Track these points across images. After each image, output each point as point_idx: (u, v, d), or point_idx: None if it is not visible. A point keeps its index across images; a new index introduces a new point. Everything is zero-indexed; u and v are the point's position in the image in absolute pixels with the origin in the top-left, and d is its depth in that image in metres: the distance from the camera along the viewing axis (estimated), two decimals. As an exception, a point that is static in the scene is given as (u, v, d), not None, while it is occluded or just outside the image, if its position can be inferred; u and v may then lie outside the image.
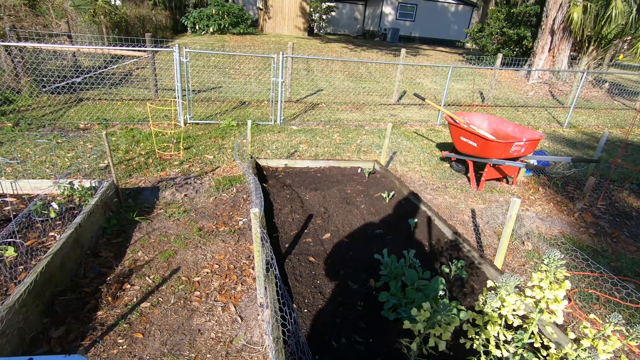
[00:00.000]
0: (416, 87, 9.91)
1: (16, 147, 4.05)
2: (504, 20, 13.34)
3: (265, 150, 4.68)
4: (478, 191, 4.03)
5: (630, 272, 2.84)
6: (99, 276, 2.26)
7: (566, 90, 10.41)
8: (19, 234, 2.36)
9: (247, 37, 15.22)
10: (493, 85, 8.66)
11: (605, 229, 3.47)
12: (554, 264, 1.04)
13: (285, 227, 2.89)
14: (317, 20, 22.63)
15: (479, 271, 2.49)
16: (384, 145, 4.12)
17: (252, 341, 1.92)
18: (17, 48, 5.71)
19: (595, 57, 11.03)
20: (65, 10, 9.38)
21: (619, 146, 6.13)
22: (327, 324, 1.96)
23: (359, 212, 3.18)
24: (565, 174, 4.62)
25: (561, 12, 10.15)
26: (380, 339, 1.90)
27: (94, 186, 2.90)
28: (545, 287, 1.06)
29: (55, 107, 5.52)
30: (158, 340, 1.87)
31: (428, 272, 2.28)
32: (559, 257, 1.04)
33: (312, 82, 9.09)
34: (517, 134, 4.26)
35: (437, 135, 6.09)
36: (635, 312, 2.38)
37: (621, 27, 10.16)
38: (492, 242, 3.10)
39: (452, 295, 2.29)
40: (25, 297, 1.72)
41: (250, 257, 2.60)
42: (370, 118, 6.72)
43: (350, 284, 2.30)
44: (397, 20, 22.96)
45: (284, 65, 5.64)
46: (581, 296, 2.52)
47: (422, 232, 2.93)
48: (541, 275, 1.08)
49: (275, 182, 3.68)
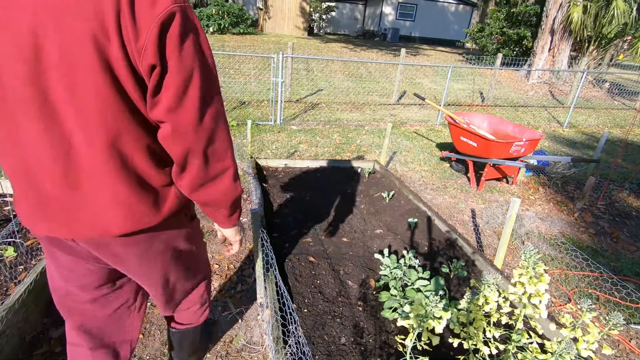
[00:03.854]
0: (416, 87, 9.92)
1: (16, 147, 4.05)
2: (504, 20, 13.35)
3: (265, 150, 4.68)
4: (478, 191, 4.03)
5: (630, 272, 2.84)
6: (99, 276, 2.26)
7: (566, 90, 10.42)
8: (19, 234, 2.36)
9: (247, 37, 15.22)
10: (493, 85, 8.66)
11: (605, 228, 3.47)
12: (531, 259, 1.07)
13: (285, 227, 2.90)
14: (317, 20, 22.63)
15: (479, 271, 2.49)
16: (384, 145, 4.12)
17: (252, 341, 1.92)
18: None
19: (595, 57, 11.03)
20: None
21: (619, 146, 6.13)
22: (327, 324, 1.96)
23: (359, 212, 3.18)
24: (565, 173, 4.62)
25: (561, 12, 10.15)
26: (380, 339, 1.91)
27: (94, 186, 2.90)
28: (525, 282, 1.09)
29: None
30: (158, 340, 1.87)
31: (428, 272, 2.28)
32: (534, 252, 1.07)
33: (312, 82, 9.09)
34: (517, 133, 4.27)
35: (437, 135, 6.09)
36: (635, 312, 2.38)
37: (621, 27, 10.16)
38: (492, 242, 3.10)
39: (452, 295, 2.29)
40: (25, 297, 1.72)
41: (250, 257, 2.60)
42: (370, 118, 6.72)
43: (350, 284, 2.30)
44: (397, 20, 22.97)
45: (283, 65, 5.64)
46: (581, 296, 2.52)
47: (422, 232, 2.93)
48: (521, 271, 1.10)
49: (275, 182, 3.68)
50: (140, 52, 0.76)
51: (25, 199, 0.89)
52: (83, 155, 0.83)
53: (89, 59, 0.74)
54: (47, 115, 0.78)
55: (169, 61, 0.78)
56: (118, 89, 0.79)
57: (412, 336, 1.12)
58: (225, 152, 0.93)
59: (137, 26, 0.74)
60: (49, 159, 0.82)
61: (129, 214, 0.90)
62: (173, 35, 0.77)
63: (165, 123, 0.84)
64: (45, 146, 0.81)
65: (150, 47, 0.75)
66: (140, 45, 0.75)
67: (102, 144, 0.82)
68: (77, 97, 0.77)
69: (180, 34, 0.77)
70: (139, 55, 0.76)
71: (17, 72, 0.75)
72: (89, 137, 0.81)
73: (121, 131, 0.83)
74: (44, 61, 0.74)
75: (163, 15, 0.75)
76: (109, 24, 0.73)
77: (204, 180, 0.93)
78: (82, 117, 0.79)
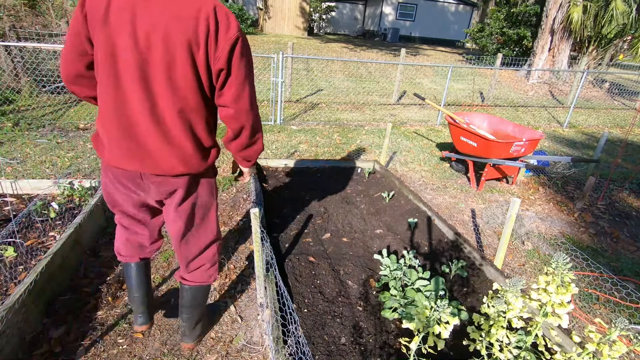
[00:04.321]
0: (416, 87, 9.92)
1: (16, 147, 4.05)
2: (504, 20, 13.34)
3: (265, 150, 4.68)
4: (478, 191, 4.03)
5: (630, 272, 2.84)
6: (99, 276, 2.26)
7: (566, 90, 10.42)
8: (19, 234, 2.36)
9: (247, 37, 15.19)
10: (493, 85, 8.66)
11: (605, 228, 3.47)
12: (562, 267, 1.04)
13: (285, 227, 2.90)
14: (317, 20, 22.62)
15: (479, 271, 2.49)
16: (384, 145, 4.12)
17: (252, 341, 1.92)
18: (17, 48, 5.71)
19: (595, 57, 11.03)
20: (65, 10, 9.38)
21: (619, 146, 6.13)
22: (327, 324, 1.96)
23: (359, 212, 3.18)
24: (565, 173, 4.62)
25: (561, 12, 10.15)
26: (381, 339, 1.90)
27: (94, 186, 2.90)
28: (552, 291, 1.05)
29: (55, 107, 5.52)
30: (158, 340, 1.87)
31: (428, 272, 2.28)
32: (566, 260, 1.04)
33: (312, 82, 9.09)
34: (517, 133, 4.26)
35: (437, 135, 6.09)
36: (635, 312, 2.38)
37: (621, 27, 10.15)
38: (492, 242, 3.10)
39: (453, 295, 2.29)
40: (25, 297, 1.72)
41: (250, 257, 2.60)
42: (370, 118, 6.72)
43: (350, 284, 2.30)
44: (397, 20, 22.96)
45: (283, 65, 5.64)
46: (581, 296, 2.52)
47: (422, 232, 2.93)
48: (547, 278, 1.07)
49: (275, 182, 3.68)
50: (216, 59, 1.23)
51: (118, 143, 1.30)
52: (165, 117, 1.27)
53: (184, 57, 1.20)
54: (144, 85, 1.22)
55: (233, 68, 1.26)
56: (197, 79, 1.26)
57: (418, 339, 1.11)
58: (260, 126, 1.46)
59: (217, 44, 1.21)
60: (139, 113, 1.25)
61: (186, 163, 1.36)
62: (237, 52, 1.25)
63: (229, 108, 1.33)
64: (139, 104, 1.23)
65: (222, 57, 1.23)
66: (217, 55, 1.23)
67: (180, 113, 1.27)
68: (170, 79, 1.22)
69: (242, 52, 1.27)
70: (213, 61, 1.24)
71: (130, 53, 1.18)
72: (172, 107, 1.26)
73: (196, 108, 1.30)
74: (151, 51, 1.18)
75: (232, 39, 1.23)
76: (200, 40, 1.19)
77: (248, 144, 1.47)
78: (170, 93, 1.24)
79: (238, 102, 1.31)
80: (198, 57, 1.21)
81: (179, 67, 1.20)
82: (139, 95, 1.22)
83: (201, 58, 1.21)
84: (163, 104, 1.24)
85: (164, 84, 1.21)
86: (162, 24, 1.15)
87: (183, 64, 1.20)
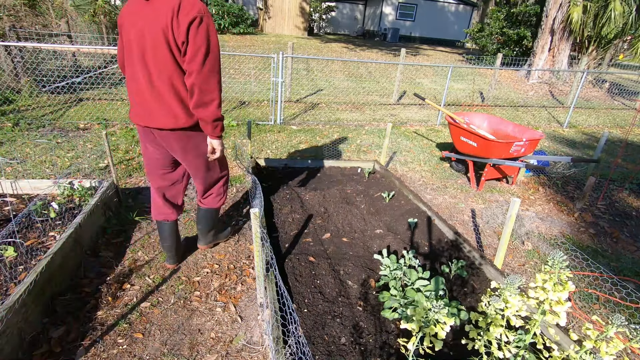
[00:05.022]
0: (416, 87, 9.92)
1: (16, 147, 4.05)
2: (504, 20, 13.34)
3: (265, 150, 4.68)
4: (478, 191, 4.03)
5: (630, 272, 2.84)
6: (99, 276, 2.26)
7: (566, 90, 10.42)
8: (19, 234, 2.36)
9: (247, 37, 15.22)
10: (493, 85, 8.66)
11: (605, 229, 3.47)
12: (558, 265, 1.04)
13: (285, 227, 2.89)
14: (317, 20, 22.62)
15: (479, 271, 2.49)
16: (383, 145, 4.12)
17: (252, 341, 1.92)
18: (17, 48, 5.71)
19: (595, 57, 11.03)
20: (65, 10, 9.38)
21: (619, 146, 6.13)
22: (327, 324, 1.96)
23: (359, 212, 3.18)
24: (565, 174, 4.62)
25: (561, 12, 10.15)
26: (381, 339, 1.90)
27: (94, 186, 2.90)
28: (549, 289, 1.05)
29: (55, 107, 5.52)
30: (158, 340, 1.87)
31: (428, 272, 2.28)
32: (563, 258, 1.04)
33: (312, 82, 9.09)
34: (517, 133, 4.26)
35: (437, 135, 6.09)
36: (635, 312, 2.38)
37: (621, 27, 10.15)
38: (492, 242, 3.10)
39: (453, 295, 2.29)
40: (25, 297, 1.72)
41: (250, 257, 2.60)
42: (370, 118, 6.72)
43: (350, 284, 2.30)
44: (397, 20, 22.96)
45: (283, 65, 5.64)
46: (581, 296, 2.52)
47: (422, 231, 2.93)
48: (545, 277, 1.07)
49: (275, 182, 3.68)
50: (179, 34, 1.66)
51: (135, 105, 1.88)
52: (156, 84, 1.78)
53: (161, 41, 1.68)
54: (143, 63, 1.76)
55: (190, 38, 1.67)
56: (172, 54, 1.72)
57: (415, 340, 1.11)
58: (213, 90, 1.79)
59: (179, 23, 1.65)
60: (143, 82, 1.80)
61: (175, 118, 1.84)
62: (194, 27, 1.66)
63: (186, 69, 1.74)
64: (142, 76, 1.79)
65: (183, 33, 1.66)
66: (179, 31, 1.66)
67: (165, 80, 1.78)
68: (156, 58, 1.73)
69: (198, 27, 1.67)
70: (178, 37, 1.67)
71: (135, 45, 1.75)
72: (159, 76, 1.77)
73: (173, 74, 1.77)
74: (145, 41, 1.71)
75: (190, 18, 1.64)
76: (168, 25, 1.65)
77: (200, 104, 1.79)
78: (156, 66, 1.75)
79: (190, 63, 1.70)
80: (169, 38, 1.67)
81: (159, 49, 1.70)
82: (141, 70, 1.77)
83: (171, 38, 1.67)
84: (155, 75, 1.77)
85: (153, 61, 1.74)
86: (150, 21, 1.68)
87: (161, 45, 1.69)
